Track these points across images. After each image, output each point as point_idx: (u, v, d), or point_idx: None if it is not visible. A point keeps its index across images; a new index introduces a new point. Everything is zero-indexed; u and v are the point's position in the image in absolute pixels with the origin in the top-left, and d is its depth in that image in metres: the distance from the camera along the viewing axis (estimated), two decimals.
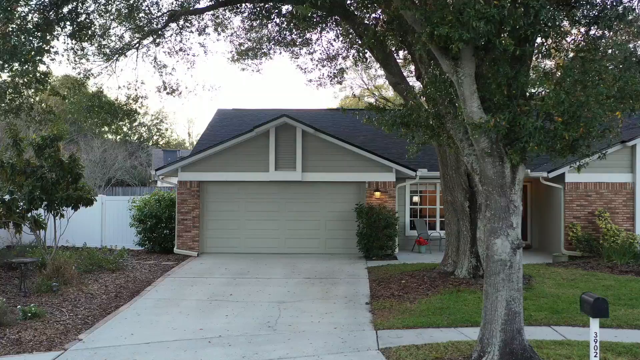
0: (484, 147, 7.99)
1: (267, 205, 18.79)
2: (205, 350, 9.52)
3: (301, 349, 9.53)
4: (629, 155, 17.95)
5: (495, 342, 8.16)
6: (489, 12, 6.84)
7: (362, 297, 13.03)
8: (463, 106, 7.87)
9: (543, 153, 7.91)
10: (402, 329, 10.58)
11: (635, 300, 12.23)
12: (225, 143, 18.50)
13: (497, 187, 8.12)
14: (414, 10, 7.35)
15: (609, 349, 9.24)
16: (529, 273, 14.82)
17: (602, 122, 7.56)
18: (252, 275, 15.49)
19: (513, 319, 8.18)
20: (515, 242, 8.15)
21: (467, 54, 7.65)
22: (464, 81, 7.74)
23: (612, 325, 10.66)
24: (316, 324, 11.04)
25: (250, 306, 12.36)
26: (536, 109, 7.60)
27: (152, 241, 19.33)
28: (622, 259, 15.82)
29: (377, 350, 9.44)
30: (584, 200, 18.02)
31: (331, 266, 16.60)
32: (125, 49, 16.13)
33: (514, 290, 8.19)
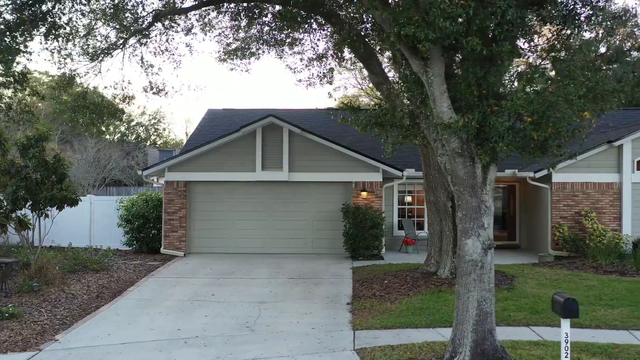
0: (454, 147, 7.97)
1: (254, 206, 18.77)
2: (181, 350, 9.51)
3: (276, 350, 9.51)
4: (616, 155, 17.93)
5: (466, 342, 8.15)
6: (455, 12, 6.82)
7: (344, 298, 13.01)
8: (433, 106, 7.85)
9: (512, 153, 7.89)
10: (380, 330, 10.56)
11: (616, 301, 12.21)
12: (212, 143, 18.48)
13: (468, 188, 8.11)
14: (381, 10, 7.34)
15: (584, 349, 9.23)
16: (512, 273, 14.83)
17: (571, 122, 7.54)
18: (236, 275, 15.47)
19: (484, 320, 8.17)
20: (487, 243, 8.14)
21: (436, 54, 7.63)
22: (434, 81, 7.73)
23: (591, 325, 10.64)
24: (295, 324, 11.02)
25: (231, 306, 12.35)
26: (506, 109, 7.57)
27: (140, 241, 19.31)
28: (607, 259, 15.81)
29: (352, 351, 9.43)
30: (571, 200, 18.01)
31: (316, 266, 16.58)
32: (110, 49, 16.08)
33: (485, 291, 8.18)
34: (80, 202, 21.28)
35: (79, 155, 40.72)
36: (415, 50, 7.58)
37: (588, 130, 8.01)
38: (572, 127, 7.68)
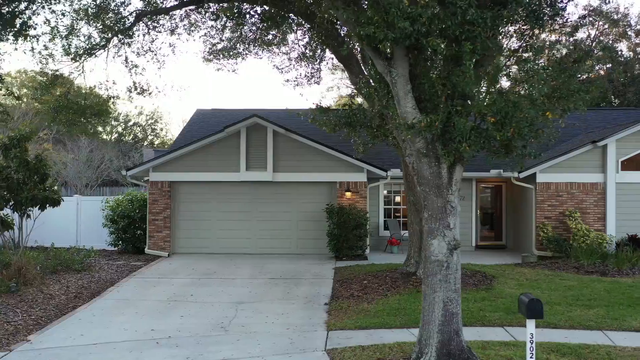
0: (419, 148, 7.96)
1: (238, 206, 18.75)
2: (151, 351, 9.49)
3: (247, 350, 9.50)
4: (600, 156, 17.92)
5: (432, 343, 8.13)
6: (415, 12, 6.81)
7: (322, 298, 12.99)
8: (397, 106, 7.84)
9: (476, 154, 7.88)
10: (354, 330, 10.55)
11: (594, 301, 12.20)
12: (197, 143, 18.47)
13: (433, 188, 8.08)
14: (342, 10, 7.32)
15: (554, 350, 9.22)
16: (493, 273, 14.82)
17: (534, 123, 7.52)
18: (217, 275, 15.45)
19: (450, 320, 8.15)
20: (452, 243, 8.11)
21: (399, 54, 7.62)
22: (398, 81, 7.71)
23: (565, 325, 10.64)
24: (270, 324, 11.01)
25: (208, 307, 12.33)
26: (470, 110, 7.55)
27: (125, 241, 19.29)
28: (589, 259, 15.79)
29: (323, 351, 9.41)
30: (555, 200, 18.00)
31: (299, 266, 16.56)
32: (93, 49, 16.06)
33: (451, 291, 8.16)
34: (68, 202, 21.46)
35: (72, 155, 40.73)
36: (379, 50, 7.57)
37: (555, 131, 7.99)
38: (536, 127, 7.66)
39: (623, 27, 36.36)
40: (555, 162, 17.89)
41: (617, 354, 9.06)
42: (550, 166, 17.88)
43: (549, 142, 9.27)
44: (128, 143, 57.91)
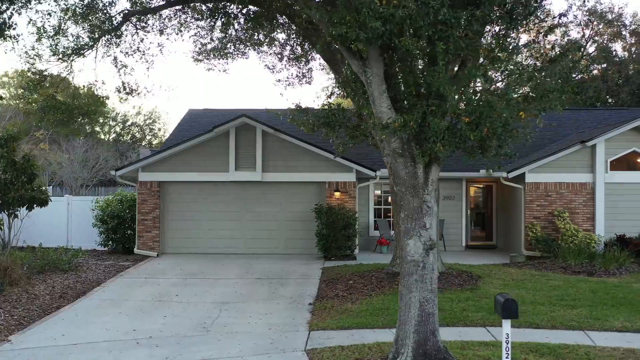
0: (395, 148, 7.95)
1: (227, 206, 18.74)
2: (130, 351, 9.48)
3: (227, 350, 9.49)
4: (589, 155, 17.91)
5: (408, 343, 8.13)
6: (387, 12, 6.80)
7: (307, 298, 12.98)
8: (373, 106, 7.84)
9: (451, 154, 7.87)
10: (336, 330, 10.54)
11: (578, 301, 12.19)
12: (186, 143, 18.46)
13: (409, 188, 8.08)
14: (314, 10, 7.32)
15: (533, 350, 9.22)
16: (480, 274, 14.81)
17: (509, 122, 7.51)
18: (204, 275, 15.44)
19: (427, 320, 8.15)
20: (428, 243, 8.11)
21: (374, 54, 7.61)
22: (373, 81, 7.71)
23: (547, 326, 10.63)
24: (252, 324, 11.00)
25: (192, 307, 12.32)
26: (445, 110, 7.54)
27: (115, 241, 19.28)
28: (576, 259, 15.78)
29: (303, 351, 9.41)
30: (544, 200, 17.99)
31: (287, 266, 16.55)
32: (81, 49, 16.05)
33: (427, 292, 8.16)
34: (59, 203, 21.46)
35: (67, 154, 40.71)
36: (353, 50, 7.57)
37: (532, 131, 7.99)
38: (511, 127, 7.65)
39: (618, 27, 36.35)
40: (544, 162, 17.89)
41: (596, 354, 9.05)
42: (539, 166, 17.87)
43: (526, 142, 9.25)
44: (126, 143, 57.93)
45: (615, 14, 36.60)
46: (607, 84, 34.45)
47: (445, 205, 20.00)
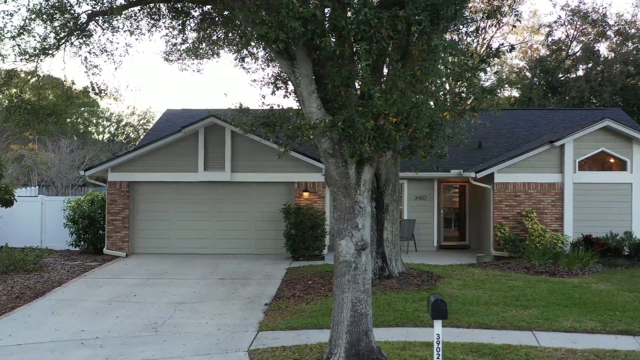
0: (325, 148, 7.95)
1: (197, 206, 18.72)
2: (73, 351, 9.48)
3: (170, 351, 9.49)
4: (558, 156, 17.90)
5: (341, 343, 8.14)
6: (307, 12, 6.79)
7: (265, 298, 12.98)
8: (302, 107, 7.83)
9: (383, 154, 7.86)
10: (285, 330, 10.55)
11: (532, 302, 12.19)
12: (155, 143, 18.44)
13: (341, 188, 8.08)
14: (237, 10, 7.31)
15: (474, 351, 9.23)
16: (441, 274, 14.80)
17: (436, 123, 7.50)
18: (168, 276, 15.43)
19: (359, 321, 8.15)
20: (360, 244, 8.11)
21: (301, 55, 7.61)
22: (301, 81, 7.70)
23: (497, 326, 10.62)
24: (203, 325, 11.00)
25: (148, 307, 12.31)
26: (370, 110, 7.53)
27: (87, 242, 19.25)
28: (541, 259, 15.77)
29: (245, 352, 9.42)
30: (513, 200, 17.98)
31: (254, 267, 16.54)
32: (47, 49, 15.98)
33: (360, 292, 8.16)
34: (33, 203, 21.45)
35: (53, 154, 40.72)
36: (281, 50, 7.56)
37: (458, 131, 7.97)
38: (439, 127, 7.64)
39: (602, 26, 36.32)
40: (512, 162, 17.89)
41: (536, 354, 9.06)
42: (507, 166, 17.86)
43: (459, 143, 9.25)
44: (121, 143, 57.90)
45: (599, 14, 36.59)
46: (590, 84, 34.42)
47: (416, 206, 20.00)
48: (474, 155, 20.80)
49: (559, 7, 44.27)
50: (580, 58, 36.87)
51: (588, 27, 37.01)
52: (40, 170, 42.75)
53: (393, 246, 14.13)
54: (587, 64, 36.58)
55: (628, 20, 37.02)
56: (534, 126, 23.42)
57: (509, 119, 24.40)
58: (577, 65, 37.20)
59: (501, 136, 22.60)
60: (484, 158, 20.31)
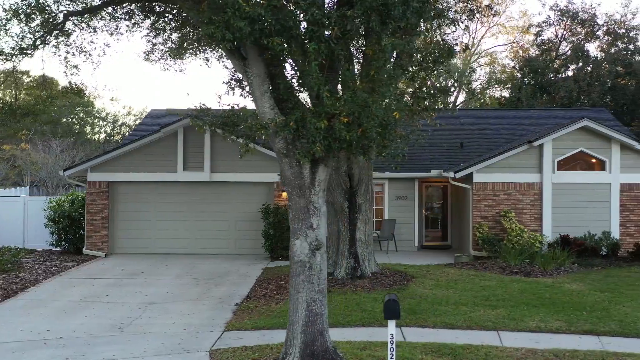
0: (279, 148, 7.95)
1: (176, 206, 18.72)
2: (34, 351, 9.47)
3: (131, 351, 9.49)
4: (537, 156, 17.90)
5: (296, 343, 8.14)
6: (254, 12, 6.78)
7: (236, 298, 12.97)
8: (256, 106, 7.83)
9: (334, 153, 7.86)
10: (250, 330, 10.55)
11: (502, 301, 12.18)
12: (134, 143, 18.44)
13: (296, 188, 8.08)
14: (186, 10, 7.31)
15: (435, 351, 9.23)
16: (416, 274, 14.79)
17: (388, 122, 7.49)
18: (144, 276, 15.41)
19: (314, 321, 8.15)
20: (314, 244, 8.11)
21: (253, 54, 7.60)
22: (254, 81, 7.70)
23: (463, 326, 10.62)
24: (170, 325, 10.99)
25: (118, 307, 12.30)
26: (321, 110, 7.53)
27: (67, 242, 19.24)
28: (517, 259, 15.77)
29: (207, 352, 9.42)
30: (492, 200, 17.98)
31: (231, 267, 16.53)
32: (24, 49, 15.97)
33: (315, 292, 8.16)
34: (15, 203, 21.43)
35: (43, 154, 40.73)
36: (233, 50, 7.56)
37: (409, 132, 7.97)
38: (391, 127, 7.62)
39: (591, 26, 36.31)
40: (491, 162, 17.89)
41: (496, 354, 9.07)
42: (486, 166, 17.87)
43: (415, 143, 9.25)
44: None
45: (588, 14, 36.58)
46: (579, 84, 34.41)
47: (397, 206, 19.99)
48: (456, 155, 20.81)
49: (548, 7, 44.08)
50: (570, 58, 36.86)
51: (577, 27, 37.01)
52: (31, 170, 42.76)
53: (366, 246, 14.13)
54: (577, 64, 36.58)
55: (617, 20, 37.03)
56: (517, 126, 23.43)
57: (493, 119, 24.42)
58: (567, 65, 37.18)
59: (484, 136, 22.60)
60: (465, 158, 20.30)
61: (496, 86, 42.46)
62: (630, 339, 10.02)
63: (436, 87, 8.40)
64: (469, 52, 41.11)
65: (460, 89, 40.47)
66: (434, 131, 22.59)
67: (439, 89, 8.16)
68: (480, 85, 43.90)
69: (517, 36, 45.12)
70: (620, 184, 17.83)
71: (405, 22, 7.27)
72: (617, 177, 17.82)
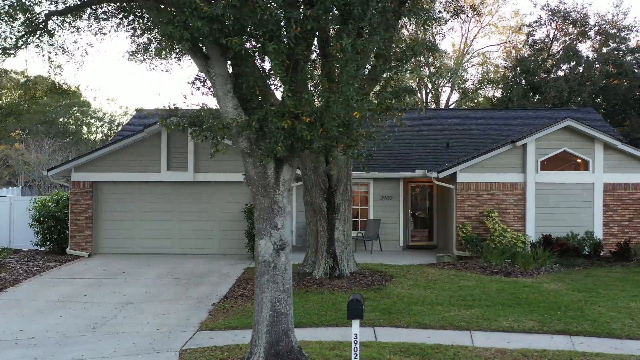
0: (243, 148, 7.96)
1: (160, 206, 18.70)
2: (4, 352, 9.48)
3: (101, 351, 9.49)
4: (521, 155, 17.91)
5: (261, 343, 8.14)
6: (213, 12, 6.78)
7: (214, 298, 12.97)
8: (219, 106, 7.83)
9: (299, 153, 7.86)
10: (223, 330, 10.57)
11: (478, 301, 12.19)
12: (118, 143, 18.44)
13: (260, 188, 8.09)
14: (145, 10, 7.31)
15: (403, 350, 9.24)
16: (396, 274, 14.80)
17: (350, 122, 7.49)
18: (124, 276, 15.41)
19: (279, 321, 8.15)
20: (278, 243, 8.11)
21: (215, 54, 7.60)
22: (216, 81, 7.70)
23: (436, 326, 10.62)
24: (144, 325, 11.00)
25: (95, 307, 12.30)
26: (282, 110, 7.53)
27: (53, 242, 19.23)
28: (498, 259, 15.77)
29: (176, 352, 9.44)
30: (475, 200, 17.98)
31: (213, 266, 16.53)
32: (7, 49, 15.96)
33: (280, 292, 8.16)
34: (2, 203, 21.41)
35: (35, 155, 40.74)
36: (194, 50, 7.56)
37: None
38: (353, 127, 7.62)
39: (583, 26, 36.29)
40: (475, 162, 17.89)
41: (464, 354, 9.08)
42: (470, 166, 17.87)
43: (380, 144, 9.24)
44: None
45: (580, 14, 36.59)
46: (570, 84, 34.41)
47: (382, 206, 19.99)
48: (442, 155, 20.81)
49: (539, 7, 44.05)
50: (562, 58, 36.85)
51: (569, 27, 37.01)
52: (24, 170, 42.77)
53: (345, 246, 14.13)
54: (569, 63, 36.59)
55: (609, 20, 37.04)
56: (505, 126, 23.45)
57: (481, 119, 24.43)
58: (560, 65, 37.19)
59: (471, 136, 22.61)
60: (451, 158, 20.31)
61: (488, 86, 42.46)
62: (601, 338, 10.03)
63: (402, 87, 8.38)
64: (460, 52, 41.18)
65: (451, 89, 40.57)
66: (420, 131, 22.67)
67: (404, 89, 8.19)
68: (472, 85, 43.94)
69: (510, 36, 45.19)
70: (603, 184, 17.84)
71: (367, 22, 7.26)
72: (600, 177, 17.83)
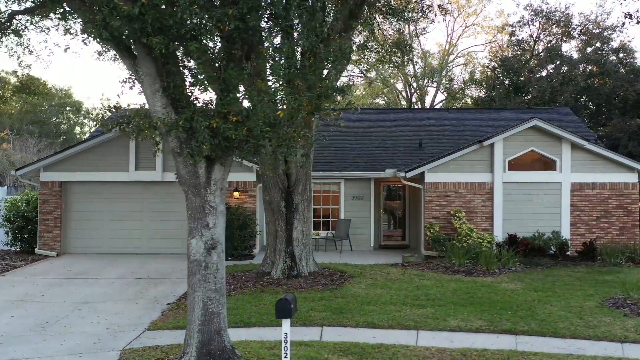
0: (173, 147, 7.96)
1: (130, 206, 18.70)
2: None
3: (43, 350, 9.49)
4: (488, 155, 17.94)
5: (192, 342, 8.15)
6: (132, 12, 6.79)
7: (170, 298, 12.98)
8: (148, 105, 7.84)
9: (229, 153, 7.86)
10: (171, 330, 10.58)
11: (431, 301, 12.19)
12: (87, 142, 18.44)
13: (191, 187, 8.09)
14: (75, 10, 7.32)
15: (343, 350, 9.25)
16: (356, 273, 14.81)
17: (276, 122, 7.50)
18: (87, 275, 15.40)
19: (211, 320, 8.16)
20: (209, 243, 8.12)
21: (142, 53, 7.60)
22: (144, 80, 7.70)
23: (385, 326, 10.62)
24: (94, 324, 10.99)
25: (49, 307, 12.29)
26: (210, 109, 7.55)
27: (22, 241, 19.23)
28: (462, 259, 15.80)
29: (118, 351, 9.44)
30: (443, 200, 18.01)
31: (178, 266, 16.51)
32: None
33: (211, 291, 8.17)
34: None
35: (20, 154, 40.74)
36: (121, 48, 7.57)
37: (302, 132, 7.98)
38: (279, 127, 7.63)
39: (566, 26, 36.34)
40: (443, 162, 17.92)
41: (404, 353, 9.10)
42: (437, 165, 17.90)
43: (313, 142, 9.24)
44: None
45: (562, 14, 36.65)
46: (552, 84, 34.46)
47: (353, 205, 20.01)
48: (414, 155, 20.83)
49: (522, 6, 44.09)
50: (546, 58, 36.90)
51: (553, 27, 37.07)
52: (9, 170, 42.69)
53: (304, 245, 14.14)
54: (552, 63, 36.64)
55: (592, 20, 37.11)
56: (479, 126, 23.48)
57: (455, 119, 24.46)
58: (544, 65, 37.23)
59: (444, 136, 22.64)
60: (423, 158, 20.33)
61: (473, 86, 42.48)
62: (546, 338, 10.05)
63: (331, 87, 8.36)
64: (445, 51, 41.18)
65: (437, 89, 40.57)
66: (395, 131, 22.70)
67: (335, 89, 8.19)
68: (457, 85, 43.96)
69: (496, 36, 45.24)
70: (571, 184, 17.89)
71: (291, 21, 7.27)
72: (568, 176, 17.87)
